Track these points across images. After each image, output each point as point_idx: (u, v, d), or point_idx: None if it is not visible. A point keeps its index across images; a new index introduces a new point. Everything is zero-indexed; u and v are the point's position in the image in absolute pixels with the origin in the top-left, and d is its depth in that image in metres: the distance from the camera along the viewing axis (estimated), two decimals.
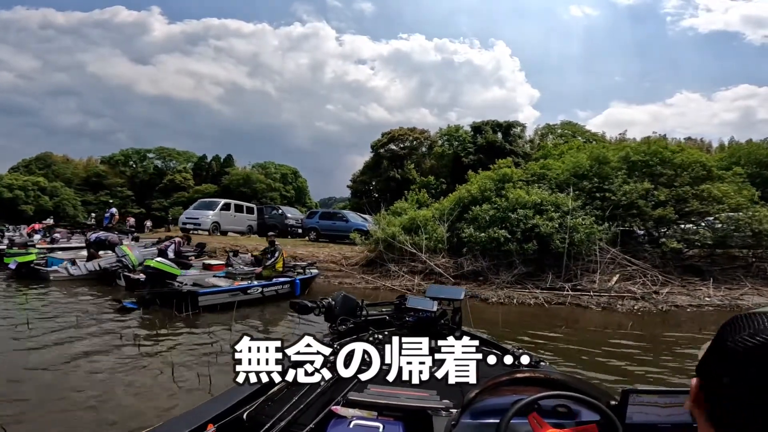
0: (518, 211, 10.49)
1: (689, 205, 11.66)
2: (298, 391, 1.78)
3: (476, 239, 10.65)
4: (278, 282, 8.11)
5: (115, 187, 43.25)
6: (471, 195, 12.49)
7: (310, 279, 9.07)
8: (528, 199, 10.86)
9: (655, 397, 1.34)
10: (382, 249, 12.04)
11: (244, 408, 1.74)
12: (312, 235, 18.04)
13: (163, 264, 7.06)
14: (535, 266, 10.23)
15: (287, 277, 8.39)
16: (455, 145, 36.28)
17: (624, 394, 1.36)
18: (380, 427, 1.49)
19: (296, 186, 48.22)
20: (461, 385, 1.70)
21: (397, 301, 3.11)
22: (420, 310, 2.82)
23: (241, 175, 44.28)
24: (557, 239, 9.92)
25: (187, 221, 17.24)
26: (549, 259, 10.20)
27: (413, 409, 1.61)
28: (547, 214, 10.46)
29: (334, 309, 2.86)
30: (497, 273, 10.23)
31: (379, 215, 13.65)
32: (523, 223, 10.28)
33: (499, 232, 10.33)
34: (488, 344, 2.85)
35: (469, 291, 9.63)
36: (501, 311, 8.26)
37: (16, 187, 37.64)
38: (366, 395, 1.66)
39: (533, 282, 9.93)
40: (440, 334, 2.69)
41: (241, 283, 7.60)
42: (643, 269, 10.25)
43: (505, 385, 1.58)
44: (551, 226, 10.06)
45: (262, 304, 7.73)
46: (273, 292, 7.96)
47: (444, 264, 11.03)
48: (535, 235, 10.19)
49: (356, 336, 2.63)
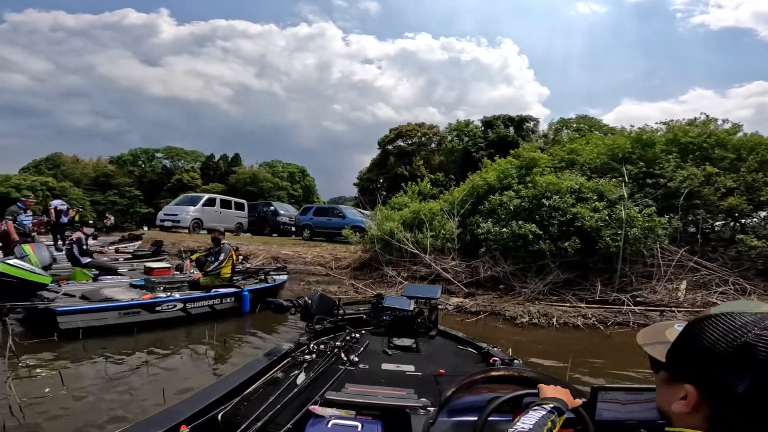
0: (554, 197, 7.71)
1: (762, 194, 8.78)
2: (275, 391, 1.74)
3: (496, 236, 7.92)
4: (215, 295, 5.56)
5: (124, 187, 41.70)
6: (487, 183, 9.74)
7: (272, 289, 6.47)
8: (563, 185, 8.08)
9: (623, 394, 1.30)
10: (377, 249, 9.39)
11: (218, 408, 1.64)
12: (306, 234, 15.47)
13: (15, 268, 4.54)
14: (575, 271, 7.44)
15: (234, 288, 5.82)
16: (465, 141, 33.65)
17: (593, 391, 1.31)
18: (359, 426, 1.45)
19: (304, 185, 46.01)
20: (438, 383, 1.96)
21: (374, 300, 3.08)
22: (397, 309, 2.84)
23: (248, 174, 42.50)
24: (607, 235, 7.12)
25: (165, 218, 14.78)
26: (595, 262, 7.40)
27: (391, 408, 1.59)
28: (590, 203, 7.68)
29: (310, 308, 2.77)
30: (524, 280, 7.48)
31: (375, 209, 10.97)
32: (560, 215, 7.50)
33: (526, 226, 7.58)
34: (464, 342, 2.77)
35: (488, 304, 6.90)
36: (539, 339, 5.53)
37: (24, 187, 36.22)
38: (344, 394, 1.67)
39: (573, 292, 7.15)
40: (417, 332, 2.86)
41: (157, 297, 5.02)
42: (721, 275, 7.36)
43: (481, 383, 1.55)
44: (598, 218, 7.27)
45: (190, 324, 5.15)
46: (206, 308, 5.41)
47: (453, 268, 8.32)
48: (575, 231, 7.42)
49: (333, 335, 2.67)
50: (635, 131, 11.44)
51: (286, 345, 2.47)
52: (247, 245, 12.14)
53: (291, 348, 2.41)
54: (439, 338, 2.97)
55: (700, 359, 0.55)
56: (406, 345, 2.65)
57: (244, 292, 5.75)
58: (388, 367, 2.28)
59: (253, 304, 5.76)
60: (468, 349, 2.70)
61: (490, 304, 6.94)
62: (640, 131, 10.80)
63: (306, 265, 10.55)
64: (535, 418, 0.98)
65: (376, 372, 2.19)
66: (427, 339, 2.89)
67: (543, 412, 1.02)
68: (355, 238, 10.45)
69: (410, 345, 2.66)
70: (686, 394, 0.57)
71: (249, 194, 39.99)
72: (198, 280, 5.85)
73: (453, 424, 1.43)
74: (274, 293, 6.50)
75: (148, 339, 4.60)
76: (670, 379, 0.62)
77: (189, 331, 5.01)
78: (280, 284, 6.73)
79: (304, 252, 11.64)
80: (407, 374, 2.19)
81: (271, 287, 6.42)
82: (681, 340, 0.61)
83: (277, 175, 44.05)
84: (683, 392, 0.57)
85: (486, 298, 7.27)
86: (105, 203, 39.63)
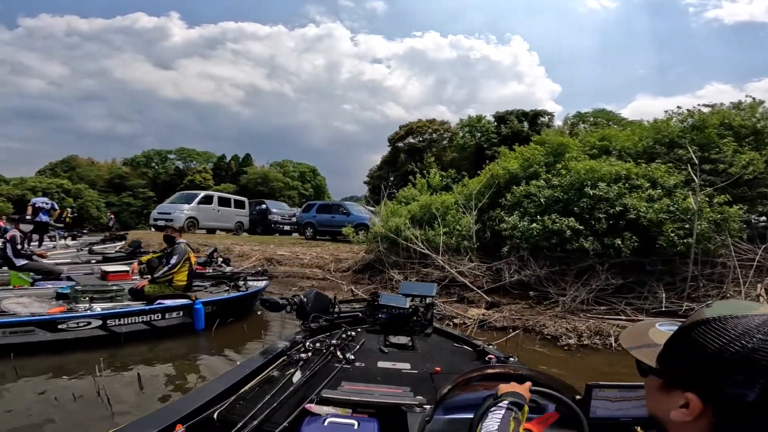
0: (599, 185, 6.07)
1: None
2: (271, 390, 1.71)
3: (524, 232, 6.32)
4: (153, 308, 4.12)
5: (137, 188, 41.31)
6: (509, 172, 8.12)
7: (242, 299, 5.00)
8: (604, 171, 6.44)
9: (617, 392, 1.26)
10: (382, 249, 7.88)
11: (214, 407, 1.58)
12: (309, 232, 14.05)
13: None
14: (627, 275, 5.80)
15: (183, 299, 4.40)
16: (478, 137, 31.85)
17: (588, 388, 1.26)
18: (355, 424, 1.43)
19: (315, 184, 44.84)
20: (434, 381, 1.92)
21: (369, 298, 3.05)
22: (393, 307, 2.76)
23: (259, 174, 41.61)
24: (671, 230, 5.47)
25: (159, 217, 13.47)
26: (652, 264, 5.75)
27: (387, 406, 1.57)
28: (642, 192, 6.03)
29: (305, 306, 2.70)
30: (562, 286, 5.87)
31: (381, 204, 9.44)
32: (607, 206, 5.87)
33: (563, 220, 5.97)
34: (460, 340, 2.74)
35: (519, 317, 5.33)
36: (599, 366, 3.95)
37: (39, 189, 36.07)
38: (340, 392, 1.64)
39: (627, 301, 5.51)
40: (413, 330, 2.79)
41: (71, 311, 3.59)
42: None
43: (477, 381, 1.52)
44: (658, 208, 5.62)
45: (116, 347, 3.72)
46: (141, 325, 3.99)
47: (471, 271, 6.75)
48: (626, 225, 5.78)
49: (329, 333, 2.60)
50: (682, 113, 9.62)
51: (282, 343, 2.35)
52: (241, 245, 10.78)
53: (287, 346, 2.29)
54: (435, 336, 2.88)
55: (704, 367, 0.52)
56: (402, 343, 2.59)
57: (197, 304, 4.31)
58: (384, 365, 2.21)
59: (211, 320, 4.32)
60: (464, 346, 2.65)
61: (521, 316, 5.37)
62: (688, 112, 9.03)
63: (302, 267, 9.11)
64: (497, 420, 0.95)
65: (372, 370, 2.12)
66: (423, 337, 2.82)
67: (502, 411, 0.98)
68: (356, 238, 8.96)
69: (406, 343, 2.60)
70: (686, 402, 0.53)
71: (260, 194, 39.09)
72: (142, 288, 4.43)
73: (449, 422, 1.35)
74: (244, 304, 5.05)
75: (36, 366, 3.21)
76: (667, 386, 0.58)
77: (114, 354, 3.58)
78: (255, 292, 5.26)
79: (303, 252, 10.21)
80: (403, 372, 2.13)
81: (240, 298, 4.96)
82: (677, 345, 0.58)
83: (288, 174, 43.02)
84: (683, 400, 0.54)
85: (514, 308, 5.70)
86: (119, 204, 39.32)
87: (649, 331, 0.68)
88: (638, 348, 0.66)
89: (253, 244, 11.10)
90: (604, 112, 34.59)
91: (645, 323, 0.73)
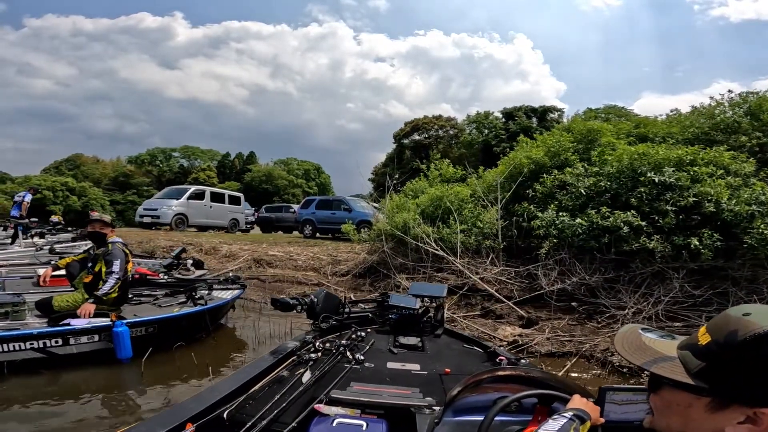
0: (665, 170, 4.67)
1: None
2: (280, 389, 1.66)
3: (565, 230, 4.95)
4: (54, 332, 2.86)
5: (142, 186, 40.38)
6: (534, 162, 6.73)
7: (194, 316, 3.64)
8: (662, 156, 5.04)
9: (631, 395, 1.19)
10: (387, 249, 6.53)
11: (224, 407, 1.53)
12: (307, 230, 12.74)
13: None
14: (704, 281, 4.39)
15: (101, 319, 3.11)
16: (485, 133, 30.36)
17: (601, 391, 1.20)
18: (363, 425, 1.39)
19: (319, 182, 43.60)
20: (444, 383, 1.80)
21: (380, 298, 2.95)
22: (403, 308, 2.70)
23: (263, 172, 40.44)
24: (763, 227, 4.06)
25: (145, 213, 12.20)
26: (737, 269, 4.34)
27: (396, 407, 1.53)
28: (713, 182, 4.62)
29: (316, 306, 2.63)
30: (620, 297, 4.48)
31: (386, 198, 8.06)
32: (676, 197, 4.48)
33: (618, 215, 4.59)
34: (470, 342, 2.63)
35: (569, 338, 3.99)
36: None
37: (44, 187, 35.23)
38: (349, 393, 1.61)
39: (707, 314, 4.12)
40: (423, 331, 2.67)
41: None
42: None
43: (487, 383, 1.49)
44: (747, 198, 4.22)
45: None
46: (31, 352, 2.78)
47: (497, 277, 5.39)
48: (700, 222, 4.39)
49: (338, 333, 2.52)
50: (727, 100, 8.10)
51: (292, 343, 2.23)
52: (229, 245, 9.48)
53: (296, 346, 2.16)
54: (445, 337, 2.73)
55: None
56: (411, 344, 2.47)
57: (117, 327, 3.02)
58: (393, 365, 2.12)
59: (145, 345, 3.01)
60: (474, 348, 2.50)
61: (572, 337, 4.00)
62: (742, 97, 7.54)
63: (295, 270, 7.80)
64: (559, 424, 0.90)
65: (382, 371, 2.05)
66: (432, 338, 2.67)
67: (564, 420, 0.92)
68: (356, 236, 7.62)
69: (416, 344, 2.47)
70: (747, 417, 0.51)
71: (264, 192, 37.98)
72: (50, 300, 3.13)
73: (458, 424, 1.33)
74: (200, 323, 3.71)
75: None
76: (721, 404, 0.54)
77: None
78: (218, 306, 3.93)
79: (298, 253, 8.91)
80: (413, 373, 2.06)
81: (193, 315, 3.64)
82: (735, 361, 0.52)
83: (292, 172, 41.81)
84: (742, 416, 0.51)
85: (557, 325, 4.32)
86: (124, 203, 38.42)
87: (646, 341, 0.64)
88: (656, 364, 0.60)
89: (242, 244, 9.80)
90: (616, 107, 32.93)
91: (629, 332, 0.69)
